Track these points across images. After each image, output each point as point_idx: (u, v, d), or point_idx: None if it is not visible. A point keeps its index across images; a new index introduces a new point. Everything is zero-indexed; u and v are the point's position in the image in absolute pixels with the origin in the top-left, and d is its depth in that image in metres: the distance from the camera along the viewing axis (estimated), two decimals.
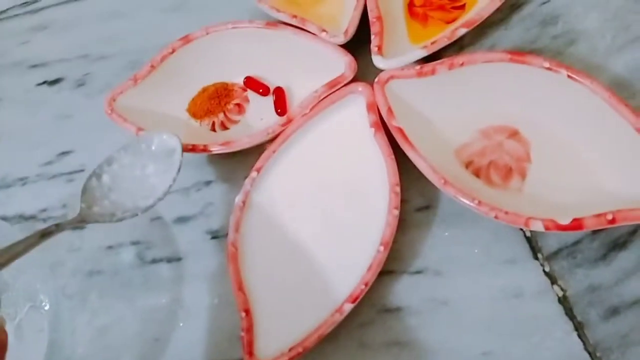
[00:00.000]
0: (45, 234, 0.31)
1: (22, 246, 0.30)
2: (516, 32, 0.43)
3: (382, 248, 0.35)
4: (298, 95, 0.45)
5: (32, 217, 0.48)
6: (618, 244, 0.36)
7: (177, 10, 0.53)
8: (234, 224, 0.38)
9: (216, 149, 0.41)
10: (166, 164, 0.37)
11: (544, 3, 0.43)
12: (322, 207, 0.39)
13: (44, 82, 0.54)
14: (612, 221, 0.32)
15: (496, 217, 0.34)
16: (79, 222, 0.35)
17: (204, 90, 0.47)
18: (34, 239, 0.31)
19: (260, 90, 0.46)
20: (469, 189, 0.36)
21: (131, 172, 0.37)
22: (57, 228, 0.32)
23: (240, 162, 0.44)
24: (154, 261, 0.43)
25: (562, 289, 0.35)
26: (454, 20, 0.43)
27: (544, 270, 0.36)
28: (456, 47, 0.43)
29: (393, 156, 0.37)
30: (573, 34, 0.42)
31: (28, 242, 0.30)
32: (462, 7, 0.43)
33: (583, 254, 0.36)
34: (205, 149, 0.41)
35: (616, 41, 0.41)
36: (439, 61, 0.39)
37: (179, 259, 0.43)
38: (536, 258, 0.37)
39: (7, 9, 0.59)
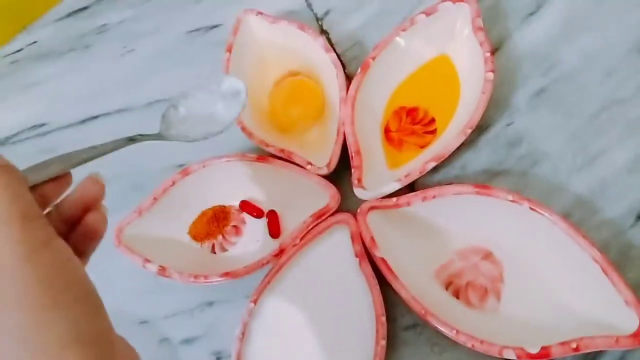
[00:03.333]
0: (131, 139, 0.35)
1: (111, 146, 0.33)
2: (484, 153, 0.47)
3: None
4: (290, 217, 0.48)
5: None
6: (588, 358, 0.39)
7: None
8: (235, 356, 0.42)
9: (216, 280, 0.44)
10: (232, 103, 0.41)
11: (509, 125, 0.47)
12: (315, 335, 0.42)
13: None
14: (576, 349, 0.36)
15: (472, 346, 0.38)
16: (158, 137, 0.39)
17: (203, 214, 0.51)
18: (122, 142, 0.34)
19: (255, 214, 0.49)
20: (449, 311, 0.40)
21: (203, 107, 0.41)
22: (141, 137, 0.36)
23: (239, 282, 0.47)
24: None
25: None
26: (427, 144, 0.47)
27: None
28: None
29: (378, 287, 0.41)
30: (537, 155, 0.46)
31: (116, 144, 0.34)
32: (434, 131, 0.47)
33: None
34: (206, 280, 0.45)
35: (576, 161, 0.45)
36: (413, 194, 0.43)
37: None
38: None
39: (17, 133, 0.63)
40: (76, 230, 0.31)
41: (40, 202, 0.28)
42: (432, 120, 0.48)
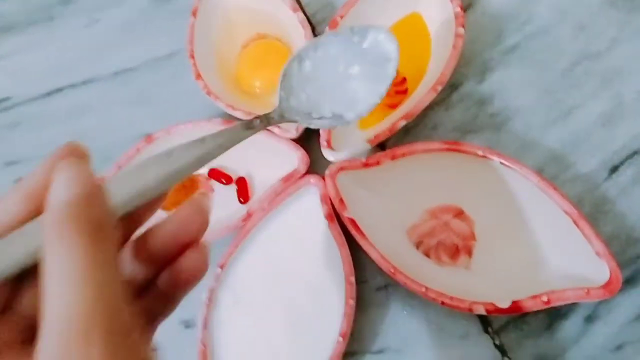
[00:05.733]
0: (250, 127, 0.28)
1: (227, 136, 0.26)
2: (456, 111, 0.46)
3: (341, 339, 0.37)
4: (259, 182, 0.47)
5: None
6: (560, 313, 0.38)
7: (141, 104, 0.55)
8: (202, 321, 0.41)
9: None
10: (374, 72, 0.32)
11: (481, 82, 0.46)
12: (285, 298, 0.41)
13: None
14: (547, 302, 0.35)
15: (442, 303, 0.37)
16: (280, 119, 0.30)
17: None
18: (240, 130, 0.27)
19: (223, 181, 0.48)
20: (420, 270, 0.39)
21: (334, 65, 0.33)
22: (262, 122, 0.29)
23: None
24: None
25: None
26: (398, 104, 0.46)
27: (494, 344, 0.39)
28: (402, 128, 0.46)
29: (347, 247, 0.40)
30: (509, 111, 0.45)
31: (234, 133, 0.26)
32: (405, 91, 0.46)
33: (529, 325, 0.39)
34: None
35: (550, 116, 0.44)
36: (382, 153, 0.42)
37: (154, 350, 0.45)
38: (487, 332, 0.39)
39: None
40: (165, 273, 0.23)
41: (123, 235, 0.22)
42: (404, 80, 0.47)
